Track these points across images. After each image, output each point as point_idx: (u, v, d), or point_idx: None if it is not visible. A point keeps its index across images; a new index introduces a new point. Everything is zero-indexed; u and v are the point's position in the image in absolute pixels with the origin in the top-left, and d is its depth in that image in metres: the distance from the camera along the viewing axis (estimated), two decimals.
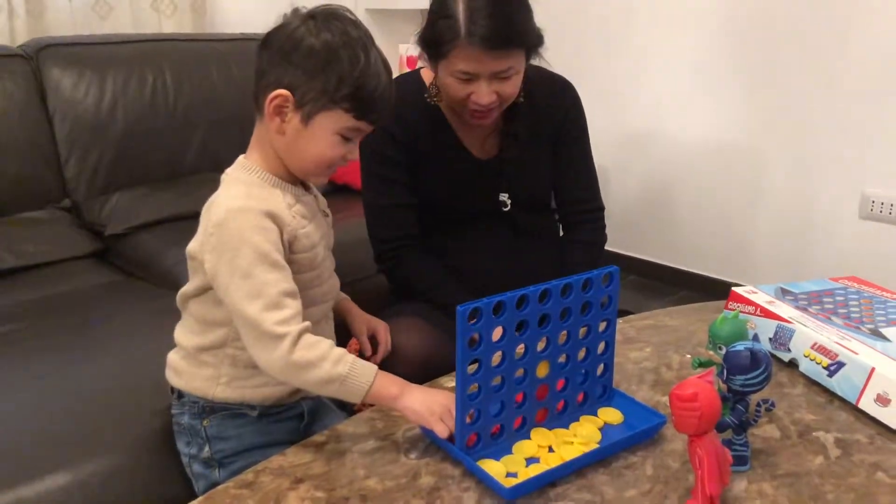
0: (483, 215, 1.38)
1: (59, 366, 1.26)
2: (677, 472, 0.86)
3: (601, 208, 1.46)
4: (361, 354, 1.13)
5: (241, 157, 1.01)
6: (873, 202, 2.19)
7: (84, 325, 1.42)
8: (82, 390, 1.17)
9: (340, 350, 0.90)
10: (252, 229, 0.90)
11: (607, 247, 1.48)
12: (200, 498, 0.81)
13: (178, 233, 1.82)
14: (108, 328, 1.40)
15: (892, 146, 2.13)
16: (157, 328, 1.33)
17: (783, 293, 1.22)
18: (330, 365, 0.88)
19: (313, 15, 0.94)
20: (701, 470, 0.77)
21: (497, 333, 0.85)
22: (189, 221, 1.83)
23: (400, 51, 2.80)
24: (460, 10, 1.15)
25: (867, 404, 0.97)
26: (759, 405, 0.86)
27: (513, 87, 1.23)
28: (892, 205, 2.16)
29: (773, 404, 0.86)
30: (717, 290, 1.55)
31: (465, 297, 1.17)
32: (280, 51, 0.93)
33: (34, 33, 2.15)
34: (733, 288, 1.24)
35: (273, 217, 0.92)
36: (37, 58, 1.90)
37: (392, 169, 1.32)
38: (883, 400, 0.95)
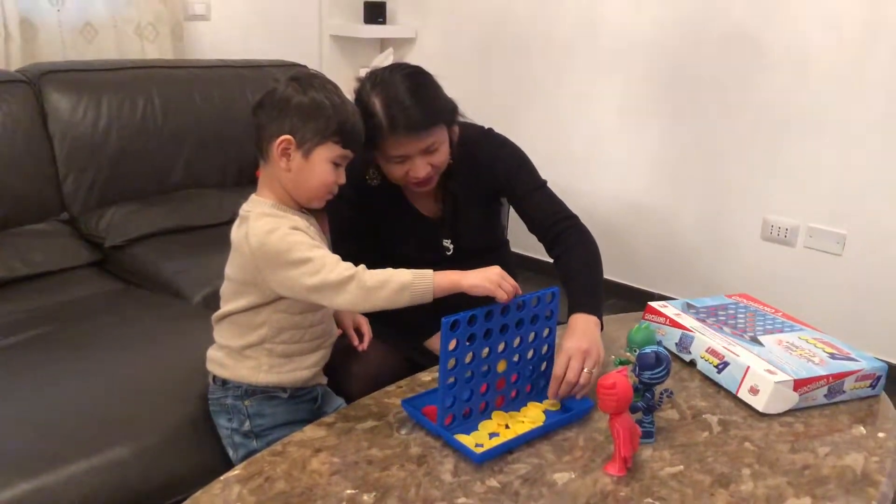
0: (430, 261, 1.59)
1: (84, 364, 1.45)
2: (602, 443, 1.14)
3: (575, 215, 1.57)
4: (348, 344, 1.39)
5: (254, 195, 1.24)
6: (772, 226, 2.56)
7: (99, 327, 1.62)
8: (117, 382, 1.38)
9: (398, 269, 1.13)
10: (287, 235, 1.14)
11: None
12: (244, 462, 1.06)
13: (171, 245, 2.06)
14: (123, 331, 1.60)
15: (788, 178, 2.50)
16: (167, 331, 1.58)
17: (688, 307, 1.53)
18: (395, 283, 1.11)
19: (295, 78, 1.20)
20: (618, 440, 1.05)
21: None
22: (178, 235, 2.10)
23: (361, 73, 3.05)
24: (378, 108, 1.30)
25: (743, 394, 1.27)
26: (661, 393, 1.16)
27: (442, 156, 1.40)
28: (787, 229, 2.53)
29: (671, 393, 1.17)
30: (642, 299, 1.83)
31: (419, 319, 1.44)
32: (275, 108, 1.19)
33: (27, 55, 2.32)
34: (649, 302, 1.54)
35: (298, 228, 1.17)
36: (38, 83, 2.08)
37: (352, 214, 1.50)
38: (754, 390, 1.26)
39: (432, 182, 1.46)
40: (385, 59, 3.25)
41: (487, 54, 3.17)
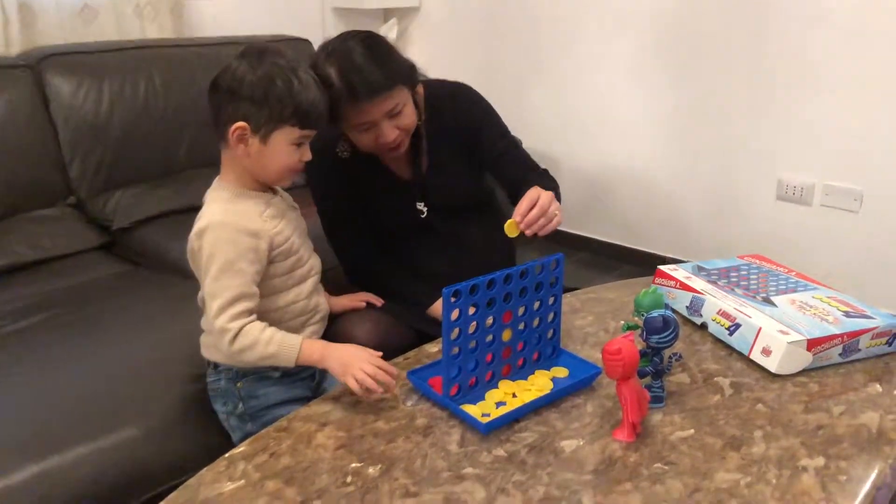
0: (406, 225, 1.57)
1: (94, 346, 1.46)
2: (610, 409, 1.13)
3: (544, 168, 1.59)
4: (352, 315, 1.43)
5: (217, 178, 1.24)
6: (787, 185, 2.51)
7: (108, 310, 1.62)
8: (125, 363, 1.39)
9: (270, 331, 1.16)
10: (224, 241, 1.16)
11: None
12: (250, 438, 1.05)
13: (178, 226, 2.03)
14: (132, 312, 1.61)
15: (802, 136, 2.44)
16: (175, 311, 1.58)
17: (699, 270, 1.51)
18: (262, 347, 1.15)
19: (246, 55, 1.17)
20: (625, 405, 1.04)
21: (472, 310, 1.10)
22: (185, 215, 2.07)
23: None
24: (335, 77, 1.29)
25: (756, 355, 1.25)
26: (671, 357, 1.14)
27: (408, 118, 1.40)
28: (802, 187, 2.48)
29: (680, 356, 1.15)
30: (654, 263, 1.80)
31: (419, 290, 1.49)
32: (228, 91, 1.16)
33: (27, 39, 2.30)
34: (659, 266, 1.52)
35: (250, 233, 1.17)
36: (38, 67, 2.07)
37: (337, 203, 1.50)
38: (766, 352, 1.23)
39: (403, 146, 1.45)
40: (390, 30, 3.20)
41: (493, 23, 3.11)
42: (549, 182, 1.51)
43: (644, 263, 2.83)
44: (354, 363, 1.12)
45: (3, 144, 1.92)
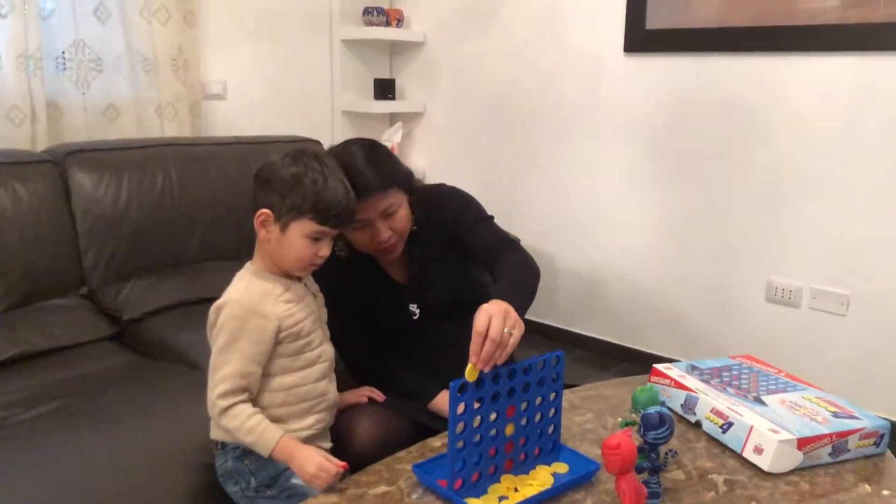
0: (399, 326, 1.64)
1: (103, 435, 1.49)
2: None
3: (516, 239, 1.61)
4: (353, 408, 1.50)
5: (248, 261, 1.35)
6: (776, 288, 2.60)
7: (117, 399, 1.65)
8: (136, 450, 1.42)
9: (255, 420, 1.24)
10: (234, 319, 1.26)
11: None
12: None
13: (186, 317, 2.11)
14: (141, 402, 1.64)
15: (790, 241, 2.55)
16: (183, 401, 1.62)
17: (692, 369, 1.56)
18: (242, 434, 1.25)
19: (288, 154, 1.30)
20: (624, 499, 1.08)
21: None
22: (194, 307, 2.15)
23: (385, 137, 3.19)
24: None
25: (748, 453, 1.29)
26: (667, 454, 1.18)
27: (402, 220, 1.49)
28: (791, 291, 2.56)
29: (676, 453, 1.19)
30: (649, 362, 1.83)
31: (420, 384, 1.55)
32: (263, 180, 1.29)
33: (53, 136, 2.42)
34: (654, 365, 1.58)
35: (261, 313, 1.27)
36: (62, 162, 2.17)
37: (335, 298, 1.51)
38: (758, 450, 1.28)
39: (397, 249, 1.53)
40: (395, 133, 3.37)
41: (492, 126, 3.29)
42: (516, 263, 1.52)
43: (640, 361, 2.88)
44: (306, 468, 1.20)
45: (24, 235, 1.99)
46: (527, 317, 1.90)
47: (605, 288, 3.06)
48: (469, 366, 1.17)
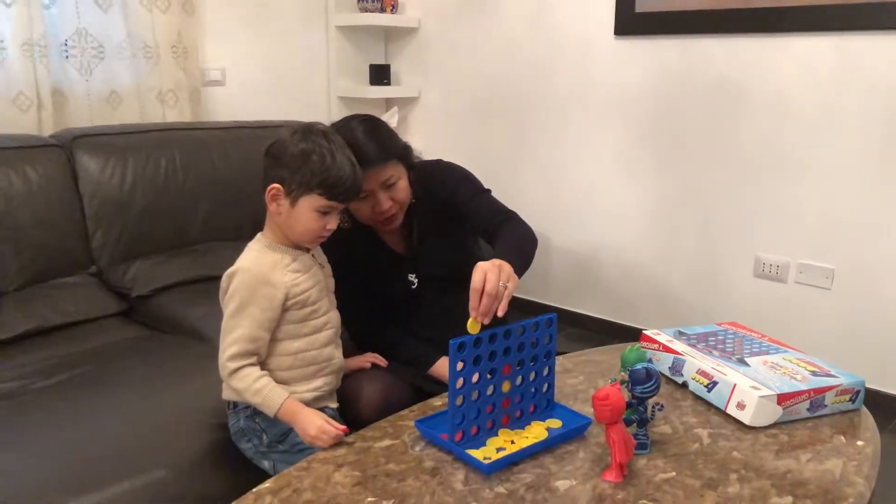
0: (398, 295, 1.71)
1: (119, 400, 1.56)
2: (600, 455, 1.24)
3: (514, 212, 1.66)
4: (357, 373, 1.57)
5: (259, 233, 1.43)
6: (764, 264, 2.68)
7: (130, 368, 1.74)
8: (149, 414, 1.50)
9: (261, 383, 1.32)
10: (244, 287, 1.34)
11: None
12: (274, 476, 1.16)
13: (193, 294, 2.18)
14: (153, 370, 1.72)
15: (776, 218, 2.63)
16: (193, 370, 1.71)
17: (680, 334, 1.64)
18: (250, 395, 1.32)
19: (297, 130, 1.36)
20: (613, 447, 1.15)
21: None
22: (199, 284, 2.23)
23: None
24: None
25: (731, 409, 1.37)
26: (653, 407, 1.26)
27: (402, 192, 1.56)
28: (777, 266, 2.64)
29: (662, 407, 1.27)
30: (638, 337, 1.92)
31: (420, 351, 1.62)
32: (274, 157, 1.36)
33: (58, 122, 2.48)
34: (644, 331, 1.65)
35: (269, 282, 1.34)
36: (69, 146, 2.23)
37: (338, 268, 1.56)
38: (741, 406, 1.36)
39: (397, 220, 1.61)
40: (391, 118, 3.43)
41: (486, 111, 3.35)
42: (514, 230, 1.61)
43: (631, 337, 2.93)
44: (308, 430, 1.28)
45: (34, 216, 2.06)
46: (522, 296, 1.95)
47: (598, 267, 3.14)
48: (470, 319, 1.27)
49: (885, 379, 2.46)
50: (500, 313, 1.29)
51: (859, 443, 1.30)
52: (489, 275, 1.29)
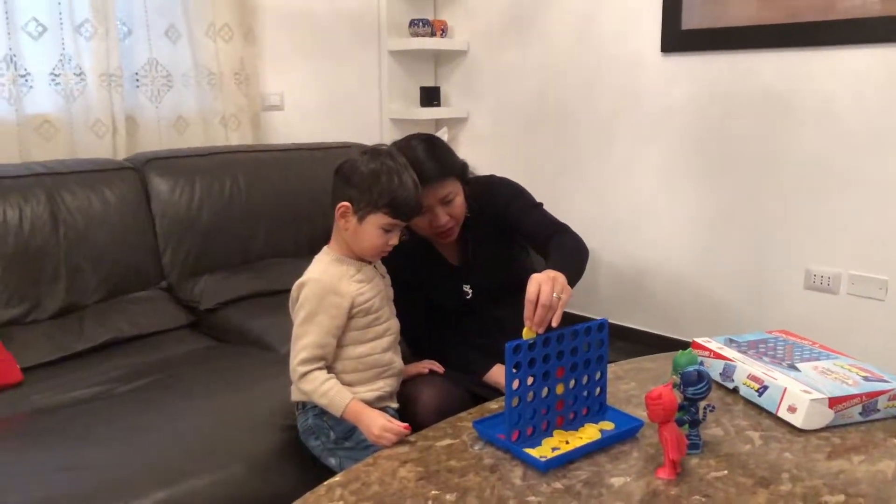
0: (453, 304, 1.78)
1: (194, 402, 1.67)
2: (653, 455, 1.28)
3: (567, 225, 1.72)
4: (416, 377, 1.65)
5: (326, 246, 1.52)
6: (815, 275, 2.67)
7: (202, 375, 1.84)
8: (223, 416, 1.61)
9: (328, 385, 1.40)
10: (314, 296, 1.42)
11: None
12: (344, 471, 1.24)
13: (258, 307, 2.29)
14: (224, 377, 1.82)
15: (827, 229, 2.62)
16: (261, 376, 1.80)
17: (730, 342, 1.67)
18: (317, 396, 1.40)
19: (366, 151, 1.45)
20: (666, 445, 1.20)
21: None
22: (262, 297, 2.33)
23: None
24: None
25: (783, 412, 1.40)
26: (705, 408, 1.30)
27: (458, 207, 1.64)
28: (829, 277, 2.64)
29: (713, 408, 1.31)
30: None
31: (475, 358, 1.68)
32: (344, 176, 1.45)
33: (130, 146, 2.64)
34: (695, 339, 1.69)
35: (337, 292, 1.43)
36: (142, 168, 2.38)
37: (403, 288, 1.63)
38: (792, 409, 1.38)
39: (453, 233, 1.68)
40: (441, 137, 3.52)
41: (533, 129, 3.42)
42: (567, 241, 1.67)
43: (681, 349, 2.95)
44: (372, 429, 1.35)
45: (112, 235, 2.20)
46: (571, 310, 2.00)
47: (647, 280, 3.16)
48: (525, 328, 1.32)
49: None
50: (554, 323, 1.34)
51: None
52: (543, 286, 1.34)
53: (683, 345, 2.97)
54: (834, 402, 1.37)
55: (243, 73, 2.91)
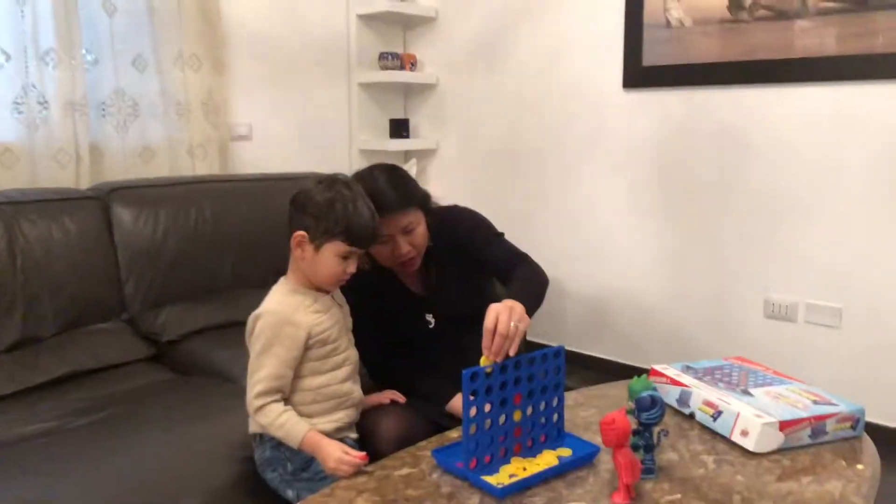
0: (416, 334, 1.78)
1: (150, 436, 1.64)
2: (608, 480, 1.30)
3: (526, 254, 1.74)
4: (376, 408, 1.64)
5: (283, 277, 1.52)
6: (774, 304, 2.73)
7: (161, 408, 1.81)
8: (180, 449, 1.58)
9: (285, 417, 1.40)
10: (269, 328, 1.43)
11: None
12: (302, 501, 1.23)
13: (221, 338, 2.27)
14: (183, 410, 1.79)
15: (785, 259, 2.69)
16: (221, 409, 1.78)
17: (687, 369, 1.70)
18: (274, 429, 1.40)
19: (322, 181, 1.47)
20: (620, 469, 1.22)
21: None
22: (227, 329, 2.31)
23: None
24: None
25: (736, 436, 1.43)
26: (659, 433, 1.32)
27: (420, 237, 1.65)
28: (787, 306, 2.70)
29: (667, 433, 1.33)
30: None
31: (436, 388, 1.68)
32: (299, 205, 1.46)
33: (95, 175, 2.61)
34: (653, 365, 1.72)
35: (293, 323, 1.43)
36: (105, 198, 2.36)
37: (364, 317, 1.65)
38: (744, 433, 1.41)
39: (415, 263, 1.69)
40: (409, 169, 3.55)
41: (501, 160, 3.48)
42: (526, 272, 1.69)
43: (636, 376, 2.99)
44: (328, 461, 1.36)
45: (72, 265, 2.16)
46: (537, 339, 2.02)
47: (612, 310, 3.20)
48: (482, 358, 1.33)
49: (895, 415, 2.49)
50: (511, 353, 1.35)
51: (859, 466, 1.34)
52: (501, 315, 1.36)
53: (645, 373, 3.00)
54: (784, 425, 1.40)
55: (211, 102, 2.93)
